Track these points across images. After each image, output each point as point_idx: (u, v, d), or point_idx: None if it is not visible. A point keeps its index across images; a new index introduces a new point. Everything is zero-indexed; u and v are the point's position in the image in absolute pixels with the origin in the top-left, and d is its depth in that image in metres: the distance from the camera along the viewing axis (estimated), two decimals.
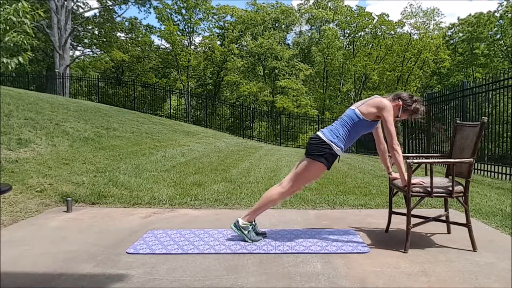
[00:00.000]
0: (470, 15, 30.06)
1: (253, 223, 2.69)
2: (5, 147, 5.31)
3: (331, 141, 2.55)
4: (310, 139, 2.66)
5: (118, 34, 27.80)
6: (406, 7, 39.16)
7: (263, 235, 2.73)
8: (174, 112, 18.63)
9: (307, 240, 2.69)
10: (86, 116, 8.95)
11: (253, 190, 4.45)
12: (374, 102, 2.58)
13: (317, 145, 2.57)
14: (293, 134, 23.65)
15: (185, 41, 31.05)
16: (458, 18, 31.33)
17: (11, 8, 4.74)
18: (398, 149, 2.52)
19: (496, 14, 28.48)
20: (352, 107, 2.67)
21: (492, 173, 6.14)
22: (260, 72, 28.94)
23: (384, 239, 2.77)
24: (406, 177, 2.50)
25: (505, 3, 27.36)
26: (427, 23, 29.91)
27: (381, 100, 2.58)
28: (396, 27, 29.65)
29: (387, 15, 29.53)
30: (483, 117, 2.58)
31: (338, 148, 2.56)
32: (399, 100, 2.67)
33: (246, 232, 2.63)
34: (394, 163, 2.61)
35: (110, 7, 23.19)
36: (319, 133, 2.63)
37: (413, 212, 2.62)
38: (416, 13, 29.71)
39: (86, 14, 23.19)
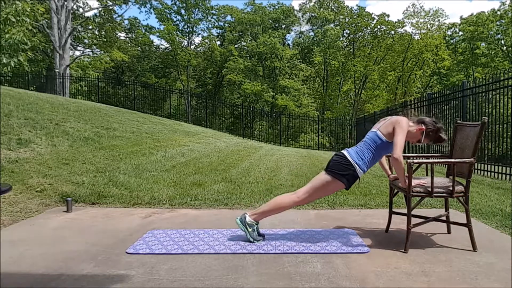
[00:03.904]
0: (472, 14, 30.09)
1: (258, 223, 2.69)
2: (5, 147, 5.31)
3: (356, 163, 2.54)
4: (335, 155, 2.64)
5: (118, 34, 27.79)
6: (409, 6, 39.26)
7: (263, 236, 2.74)
8: (174, 112, 18.63)
9: (307, 240, 2.69)
10: (86, 116, 8.95)
11: (253, 190, 4.45)
12: (391, 120, 2.58)
13: (342, 164, 2.55)
14: (293, 134, 23.66)
15: (185, 41, 31.09)
16: (461, 17, 31.33)
17: (11, 8, 4.75)
18: (401, 159, 2.47)
19: (497, 13, 28.47)
20: (373, 129, 2.66)
21: (492, 173, 6.14)
22: (260, 72, 28.96)
23: (384, 239, 2.77)
24: (405, 181, 2.49)
25: (508, 2, 27.36)
26: (431, 23, 29.92)
27: (396, 117, 2.58)
28: (396, 27, 29.64)
29: (388, 15, 29.54)
30: (483, 117, 2.58)
31: (361, 171, 2.54)
32: (423, 124, 2.64)
33: (250, 230, 2.63)
34: (394, 169, 2.61)
35: (110, 7, 23.18)
36: (345, 152, 2.60)
37: (413, 212, 2.62)
38: (418, 12, 29.72)
39: (86, 14, 23.20)
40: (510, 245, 2.62)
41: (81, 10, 22.46)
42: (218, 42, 32.06)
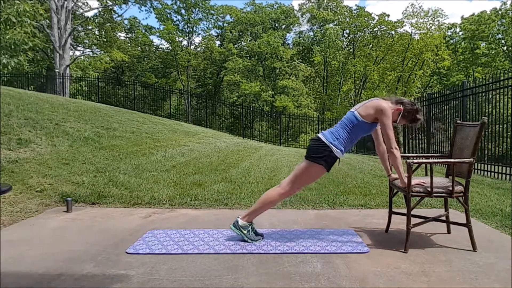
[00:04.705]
0: (473, 14, 30.10)
1: (252, 223, 2.69)
2: (5, 147, 5.31)
3: (331, 143, 2.55)
4: (311, 140, 2.67)
5: (118, 34, 27.80)
6: (408, 6, 39.30)
7: (262, 235, 2.73)
8: (174, 112, 18.63)
9: (307, 240, 2.69)
10: (86, 116, 8.95)
11: (253, 190, 4.45)
12: (372, 104, 2.58)
13: (317, 147, 2.57)
14: (293, 134, 23.66)
15: (185, 41, 31.11)
16: (462, 17, 31.32)
17: (12, 9, 4.75)
18: (397, 153, 2.51)
19: (499, 12, 28.45)
20: (352, 109, 2.67)
21: (492, 173, 6.14)
22: (260, 72, 28.96)
23: (384, 239, 2.77)
24: (405, 179, 2.50)
25: (509, 2, 27.36)
26: (430, 24, 29.91)
27: (379, 103, 2.56)
28: (396, 27, 29.64)
29: (387, 15, 29.53)
30: (483, 117, 2.58)
31: (338, 151, 2.55)
32: (401, 105, 2.65)
33: (245, 232, 2.63)
34: (392, 165, 2.61)
35: (110, 7, 23.18)
36: (320, 135, 2.63)
37: (413, 212, 2.62)
38: (417, 13, 29.72)
39: (86, 14, 23.20)
40: (510, 245, 2.62)
41: (81, 10, 22.47)
42: (218, 42, 32.06)
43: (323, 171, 2.59)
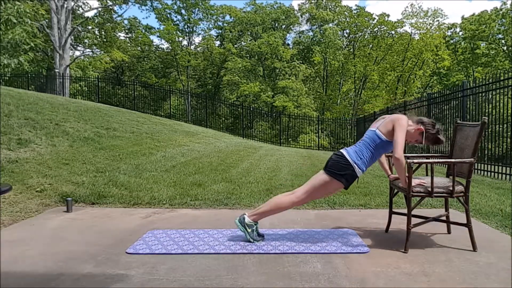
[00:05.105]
0: (474, 14, 30.10)
1: (257, 223, 2.68)
2: (5, 147, 5.31)
3: (355, 163, 2.52)
4: (334, 154, 2.62)
5: (118, 34, 27.80)
6: (407, 7, 39.30)
7: (263, 236, 2.73)
8: (174, 112, 18.63)
9: (307, 240, 2.69)
10: (86, 116, 8.95)
11: (253, 190, 4.45)
12: (391, 118, 2.56)
13: (340, 164, 2.53)
14: (293, 134, 23.65)
15: (185, 41, 31.12)
16: (462, 17, 31.31)
17: (13, 9, 4.75)
18: (402, 159, 2.46)
19: (499, 12, 28.44)
20: (372, 127, 2.63)
21: (492, 173, 6.14)
22: (260, 72, 28.94)
23: (384, 239, 2.77)
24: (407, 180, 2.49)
25: (509, 2, 27.35)
26: (429, 24, 29.92)
27: (397, 115, 2.57)
28: (396, 27, 29.64)
29: (387, 15, 29.52)
30: (483, 117, 2.58)
31: (359, 170, 2.53)
32: (421, 124, 2.63)
33: (249, 230, 2.62)
34: (394, 167, 2.60)
35: (110, 7, 23.16)
36: (343, 152, 2.58)
37: (413, 212, 2.62)
38: (417, 13, 29.72)
39: (86, 14, 23.19)
40: (510, 245, 2.62)
41: (81, 10, 22.46)
42: (218, 42, 32.06)
43: (341, 187, 2.57)
